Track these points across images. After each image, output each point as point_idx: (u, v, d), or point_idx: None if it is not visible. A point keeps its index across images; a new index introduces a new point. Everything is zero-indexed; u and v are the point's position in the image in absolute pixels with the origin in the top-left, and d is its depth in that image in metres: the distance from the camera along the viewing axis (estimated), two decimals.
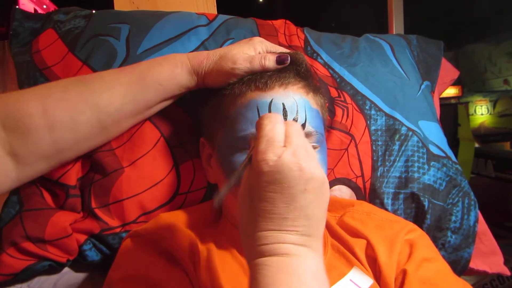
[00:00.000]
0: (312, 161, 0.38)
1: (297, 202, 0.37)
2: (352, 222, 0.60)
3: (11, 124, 0.51)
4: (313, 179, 0.38)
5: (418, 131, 0.76)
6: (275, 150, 0.38)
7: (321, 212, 0.39)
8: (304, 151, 0.38)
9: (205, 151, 0.62)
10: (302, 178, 0.37)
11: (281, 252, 0.36)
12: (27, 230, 0.56)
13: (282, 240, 0.36)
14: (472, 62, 5.60)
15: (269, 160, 0.37)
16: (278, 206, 0.37)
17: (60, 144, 0.54)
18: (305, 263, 0.36)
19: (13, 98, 0.53)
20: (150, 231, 0.54)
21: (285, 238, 0.37)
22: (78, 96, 0.54)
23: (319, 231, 0.39)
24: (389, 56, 0.84)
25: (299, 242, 0.37)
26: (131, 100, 0.57)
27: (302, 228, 0.37)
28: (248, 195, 0.39)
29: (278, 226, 0.37)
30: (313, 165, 0.38)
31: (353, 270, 0.53)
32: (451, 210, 0.73)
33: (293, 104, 0.54)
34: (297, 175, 0.37)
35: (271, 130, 0.40)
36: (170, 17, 0.75)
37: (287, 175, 0.37)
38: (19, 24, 0.71)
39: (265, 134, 0.40)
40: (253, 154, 0.39)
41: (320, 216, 0.39)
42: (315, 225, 0.38)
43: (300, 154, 0.38)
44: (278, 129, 0.40)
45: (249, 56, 0.58)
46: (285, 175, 0.37)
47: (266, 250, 0.36)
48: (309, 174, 0.37)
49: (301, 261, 0.36)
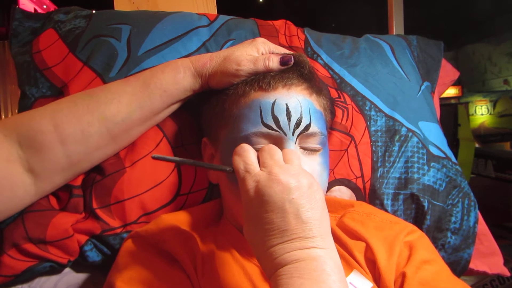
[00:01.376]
0: (291, 171, 0.42)
1: (289, 213, 0.40)
2: (351, 223, 0.60)
3: (26, 142, 0.53)
4: (296, 187, 0.41)
5: (418, 132, 0.76)
6: (253, 177, 0.42)
7: (317, 212, 0.41)
8: (279, 167, 0.43)
9: (207, 151, 0.62)
10: (285, 190, 0.40)
11: (290, 260, 0.38)
12: (29, 231, 0.56)
13: (288, 250, 0.39)
14: (472, 62, 5.60)
15: (251, 188, 0.42)
16: (274, 222, 0.40)
17: (73, 157, 0.56)
18: (315, 263, 0.38)
19: (26, 117, 0.56)
20: (151, 232, 0.54)
21: (291, 247, 0.39)
22: (85, 109, 0.56)
23: (322, 229, 0.41)
24: (389, 56, 0.84)
25: (304, 246, 0.39)
26: (138, 108, 0.59)
27: (302, 233, 0.39)
28: (249, 223, 0.43)
29: (281, 239, 0.39)
30: (293, 174, 0.42)
31: (353, 273, 0.53)
32: (451, 211, 0.73)
33: (297, 105, 0.54)
34: (279, 189, 0.40)
35: (244, 161, 0.44)
36: (171, 18, 0.75)
37: (270, 193, 0.40)
38: (19, 24, 0.71)
39: (240, 167, 0.44)
40: (239, 188, 0.44)
41: (317, 216, 0.41)
42: (315, 226, 0.40)
43: (275, 171, 0.42)
44: (250, 158, 0.45)
45: (252, 57, 0.58)
46: (268, 194, 0.40)
47: (277, 263, 0.39)
48: (290, 184, 0.41)
49: (311, 262, 0.38)
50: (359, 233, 0.58)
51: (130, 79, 0.60)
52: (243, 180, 0.43)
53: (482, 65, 5.49)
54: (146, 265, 0.51)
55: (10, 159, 0.52)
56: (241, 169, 0.44)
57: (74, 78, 0.67)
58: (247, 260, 0.54)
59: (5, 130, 0.53)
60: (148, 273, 0.49)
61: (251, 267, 0.53)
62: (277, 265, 0.39)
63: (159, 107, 0.61)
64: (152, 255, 0.52)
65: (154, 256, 0.52)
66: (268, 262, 0.40)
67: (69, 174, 0.58)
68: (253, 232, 0.42)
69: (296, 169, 0.43)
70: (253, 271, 0.52)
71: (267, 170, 0.42)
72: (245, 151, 0.46)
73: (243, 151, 0.46)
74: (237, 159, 0.45)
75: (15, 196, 0.54)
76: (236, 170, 0.45)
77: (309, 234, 0.39)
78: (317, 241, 0.39)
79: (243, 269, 0.52)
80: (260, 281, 0.51)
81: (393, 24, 1.35)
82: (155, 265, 0.51)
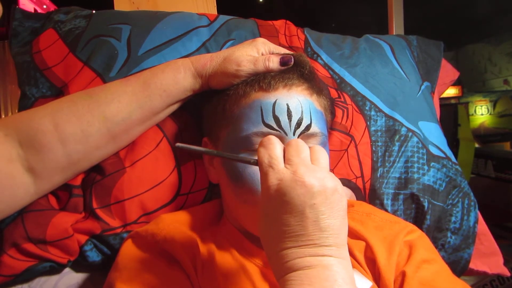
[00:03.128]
0: (316, 174, 0.39)
1: (308, 218, 0.38)
2: (351, 223, 0.60)
3: (27, 141, 0.53)
4: (320, 192, 0.39)
5: (418, 132, 0.76)
6: (276, 175, 0.40)
7: (337, 221, 0.39)
8: (305, 168, 0.40)
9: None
10: (308, 194, 0.38)
11: (302, 265, 0.37)
12: (28, 231, 0.56)
13: (301, 255, 0.38)
14: (472, 62, 5.60)
15: (272, 185, 0.39)
16: (291, 225, 0.38)
17: (73, 156, 0.56)
18: (328, 272, 0.37)
19: (26, 116, 0.56)
20: (151, 232, 0.54)
21: (304, 252, 0.38)
22: (85, 108, 0.56)
23: (339, 238, 0.39)
24: (389, 57, 0.84)
25: (319, 253, 0.38)
26: (138, 108, 0.59)
27: (319, 240, 0.38)
28: (265, 221, 0.41)
29: (296, 243, 0.38)
30: (318, 177, 0.39)
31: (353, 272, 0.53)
32: (451, 210, 0.73)
33: (298, 105, 0.54)
34: (301, 193, 0.38)
35: (270, 155, 0.42)
36: (171, 18, 0.75)
37: (292, 195, 0.38)
38: (19, 24, 0.71)
39: (264, 161, 0.42)
40: (260, 181, 0.42)
41: (336, 225, 0.39)
42: (333, 235, 0.38)
43: (301, 171, 0.39)
44: (276, 152, 0.42)
45: (253, 58, 0.58)
46: (290, 195, 0.38)
47: (288, 266, 0.38)
48: (314, 188, 0.38)
49: (323, 271, 0.37)
50: (359, 232, 0.58)
51: (130, 79, 0.60)
52: (266, 175, 0.41)
53: (482, 65, 5.49)
54: (146, 265, 0.51)
55: (10, 158, 0.52)
56: (265, 163, 0.41)
57: (74, 78, 0.67)
58: (248, 260, 0.54)
59: (6, 129, 0.53)
60: (147, 273, 0.49)
61: (251, 267, 0.53)
62: (288, 268, 0.38)
63: (159, 107, 0.61)
64: (152, 256, 0.52)
65: (154, 257, 0.52)
66: (279, 264, 0.39)
67: (69, 174, 0.58)
68: (268, 230, 0.40)
69: (323, 172, 0.40)
70: (253, 271, 0.52)
71: (292, 169, 0.40)
72: (271, 143, 0.43)
73: (269, 143, 0.43)
74: (262, 151, 0.42)
75: (15, 195, 0.54)
76: (260, 163, 0.42)
77: (325, 242, 0.38)
78: (332, 250, 0.38)
79: (243, 269, 0.52)
80: (260, 281, 0.51)
81: (393, 24, 1.35)
82: (155, 265, 0.51)
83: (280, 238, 0.39)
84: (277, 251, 0.39)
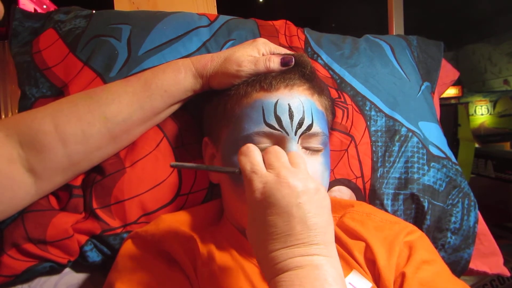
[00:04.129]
0: (299, 175, 0.41)
1: (295, 217, 0.39)
2: (351, 223, 0.60)
3: (27, 142, 0.53)
4: (304, 192, 0.40)
5: (418, 132, 0.76)
6: (260, 178, 0.41)
7: (323, 219, 0.40)
8: (287, 170, 0.42)
9: (208, 151, 0.62)
10: (293, 194, 0.39)
11: (292, 266, 0.38)
12: (29, 231, 0.56)
13: (291, 255, 0.38)
14: (472, 62, 5.60)
15: (258, 189, 0.41)
16: (279, 226, 0.39)
17: (73, 157, 0.56)
18: (317, 271, 0.37)
19: (27, 117, 0.56)
20: (150, 233, 0.55)
21: (294, 253, 0.38)
22: (86, 109, 0.56)
23: (327, 236, 0.40)
24: (389, 57, 0.84)
25: (308, 253, 0.38)
26: (138, 108, 0.59)
27: (307, 239, 0.39)
28: (253, 224, 0.42)
29: (284, 244, 0.39)
30: (300, 179, 0.41)
31: (352, 273, 0.53)
32: (451, 211, 0.73)
33: (299, 105, 0.55)
34: (287, 193, 0.39)
35: (251, 162, 0.43)
36: (171, 18, 0.75)
37: (277, 196, 0.39)
38: (19, 24, 0.71)
39: (246, 168, 0.43)
40: (245, 188, 0.43)
41: (322, 223, 0.40)
42: (320, 233, 0.39)
43: (284, 174, 0.41)
44: (256, 159, 0.44)
45: (253, 58, 0.58)
46: (276, 197, 0.39)
47: (279, 268, 0.38)
48: (298, 188, 0.40)
49: (313, 270, 0.37)
50: (359, 233, 0.58)
51: (131, 79, 0.60)
52: (250, 180, 0.42)
53: (482, 65, 5.49)
54: (146, 266, 0.51)
55: (11, 159, 0.52)
56: (248, 170, 0.43)
57: (74, 78, 0.67)
58: (247, 261, 0.54)
59: (6, 129, 0.53)
60: (147, 274, 0.49)
61: (250, 268, 0.53)
62: (278, 270, 0.38)
63: (160, 107, 0.61)
64: (151, 256, 0.52)
65: (154, 257, 0.52)
66: (269, 266, 0.39)
67: (69, 174, 0.58)
68: (256, 234, 0.41)
69: (304, 174, 0.42)
70: (252, 272, 0.52)
71: (275, 172, 0.41)
72: (251, 151, 0.44)
73: (249, 151, 0.44)
74: (243, 159, 0.44)
75: (15, 196, 0.54)
76: (243, 170, 0.44)
77: (313, 241, 0.39)
78: (321, 248, 0.39)
79: (243, 269, 0.52)
80: (259, 281, 0.51)
81: (393, 24, 1.35)
82: (155, 266, 0.51)
83: (269, 240, 0.39)
84: (266, 254, 0.39)
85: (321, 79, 0.74)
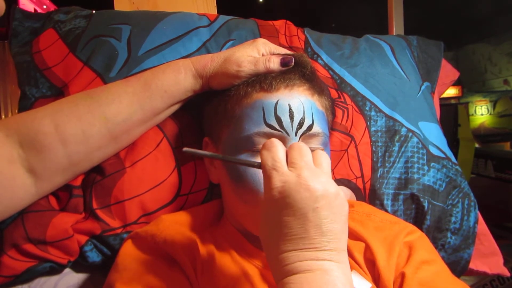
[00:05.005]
0: (320, 178, 0.40)
1: (310, 221, 0.38)
2: (351, 223, 0.60)
3: (27, 142, 0.53)
4: (323, 196, 0.39)
5: (418, 132, 0.76)
6: (280, 177, 0.40)
7: (339, 225, 0.39)
8: (308, 171, 0.40)
9: (209, 151, 0.62)
10: (311, 197, 0.38)
11: (302, 269, 0.37)
12: (28, 232, 0.56)
13: (302, 258, 0.38)
14: (472, 62, 5.61)
15: (276, 187, 0.39)
16: (294, 227, 0.38)
17: (74, 157, 0.56)
18: (328, 277, 0.37)
19: (27, 117, 0.56)
20: (150, 233, 0.54)
21: (305, 256, 0.38)
22: (86, 109, 0.56)
23: (340, 244, 0.39)
24: (389, 57, 0.84)
25: (319, 257, 0.38)
26: (138, 108, 0.59)
27: (320, 244, 0.38)
28: (267, 222, 0.41)
29: (297, 246, 0.38)
30: (321, 182, 0.39)
31: (352, 273, 0.53)
32: (451, 211, 0.73)
33: (300, 106, 0.54)
34: (306, 196, 0.38)
35: (273, 158, 0.42)
36: (171, 18, 0.75)
37: (295, 198, 0.38)
38: (19, 24, 0.71)
39: (267, 163, 0.42)
40: (264, 184, 0.42)
41: (337, 229, 0.39)
42: (334, 239, 0.39)
43: (305, 175, 0.39)
44: (279, 155, 0.42)
45: (253, 59, 0.58)
46: (294, 198, 0.38)
47: (288, 269, 0.38)
48: (317, 192, 0.39)
49: (323, 275, 0.37)
50: (359, 233, 0.58)
51: (131, 80, 0.60)
52: (269, 177, 0.41)
53: (482, 65, 5.49)
54: (146, 266, 0.51)
55: (11, 160, 0.52)
56: (269, 166, 0.41)
57: (74, 78, 0.67)
58: (247, 261, 0.54)
59: (6, 129, 0.53)
60: (147, 274, 0.49)
61: (250, 268, 0.53)
62: (287, 271, 0.38)
63: (160, 107, 0.61)
64: (151, 256, 0.52)
65: (154, 258, 0.52)
66: (279, 266, 0.39)
67: (69, 174, 0.58)
68: (269, 232, 0.40)
69: (326, 177, 0.41)
70: (252, 272, 0.52)
71: (296, 172, 0.40)
72: (274, 146, 0.43)
73: (272, 146, 0.43)
74: (265, 154, 0.42)
75: (15, 197, 0.54)
76: (263, 166, 0.42)
77: (326, 247, 0.38)
78: (333, 254, 0.38)
79: (242, 270, 0.52)
80: (259, 282, 0.51)
81: (393, 24, 1.35)
82: (155, 266, 0.51)
83: (281, 240, 0.39)
84: (277, 254, 0.39)
85: (321, 79, 0.74)
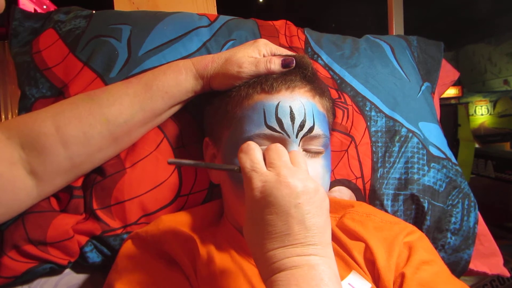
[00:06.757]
0: (299, 175, 0.41)
1: (293, 218, 0.39)
2: (351, 224, 0.60)
3: (29, 144, 0.53)
4: (304, 192, 0.40)
5: (418, 133, 0.76)
6: (260, 177, 0.41)
7: (321, 219, 0.40)
8: (287, 169, 0.41)
9: (209, 151, 0.62)
10: (292, 194, 0.39)
11: (289, 265, 0.38)
12: (29, 233, 0.56)
13: (288, 255, 0.38)
14: (472, 62, 5.61)
15: (257, 187, 0.41)
16: (277, 225, 0.39)
17: (75, 159, 0.56)
18: (314, 271, 0.38)
19: (28, 119, 0.56)
20: (151, 233, 0.54)
21: (291, 252, 0.38)
22: (87, 111, 0.56)
23: (324, 237, 0.40)
24: (389, 57, 0.84)
25: (305, 253, 0.38)
26: (139, 110, 0.59)
27: (304, 239, 0.39)
28: (251, 222, 0.42)
29: (282, 243, 0.39)
30: (301, 179, 0.41)
31: (351, 274, 0.53)
32: (451, 211, 0.73)
33: (301, 107, 0.54)
34: (286, 193, 0.39)
35: (251, 160, 0.43)
36: (171, 18, 0.75)
37: (277, 195, 0.39)
38: (18, 24, 0.71)
39: (246, 166, 0.43)
40: (244, 186, 0.43)
41: (321, 223, 0.40)
42: (318, 234, 0.39)
43: (284, 173, 0.41)
44: (257, 157, 0.43)
45: (254, 59, 0.58)
46: (275, 196, 0.39)
47: (275, 267, 0.38)
48: (298, 188, 0.40)
49: (310, 270, 0.37)
50: (359, 233, 0.58)
51: (132, 81, 0.60)
52: (249, 179, 0.42)
53: (482, 65, 5.50)
54: (145, 267, 0.51)
55: (12, 162, 0.52)
56: (248, 168, 0.42)
57: (74, 78, 0.67)
58: (246, 261, 0.54)
59: (8, 132, 0.53)
60: (147, 275, 0.49)
61: (249, 268, 0.53)
62: (275, 269, 0.38)
63: (161, 108, 0.61)
64: (151, 257, 0.52)
65: (154, 258, 0.52)
66: (265, 265, 0.39)
67: (70, 176, 0.58)
68: (254, 232, 0.41)
69: (304, 174, 0.42)
70: (251, 272, 0.52)
71: (275, 171, 0.41)
72: (251, 149, 0.44)
73: (249, 149, 0.44)
74: (243, 157, 0.44)
75: (17, 199, 0.54)
76: (242, 168, 0.43)
77: (310, 241, 0.39)
78: (318, 248, 0.39)
79: (242, 270, 0.52)
80: (258, 282, 0.51)
81: (393, 24, 1.35)
82: (154, 267, 0.51)
83: (266, 239, 0.39)
84: (263, 253, 0.39)
85: (322, 80, 0.74)
